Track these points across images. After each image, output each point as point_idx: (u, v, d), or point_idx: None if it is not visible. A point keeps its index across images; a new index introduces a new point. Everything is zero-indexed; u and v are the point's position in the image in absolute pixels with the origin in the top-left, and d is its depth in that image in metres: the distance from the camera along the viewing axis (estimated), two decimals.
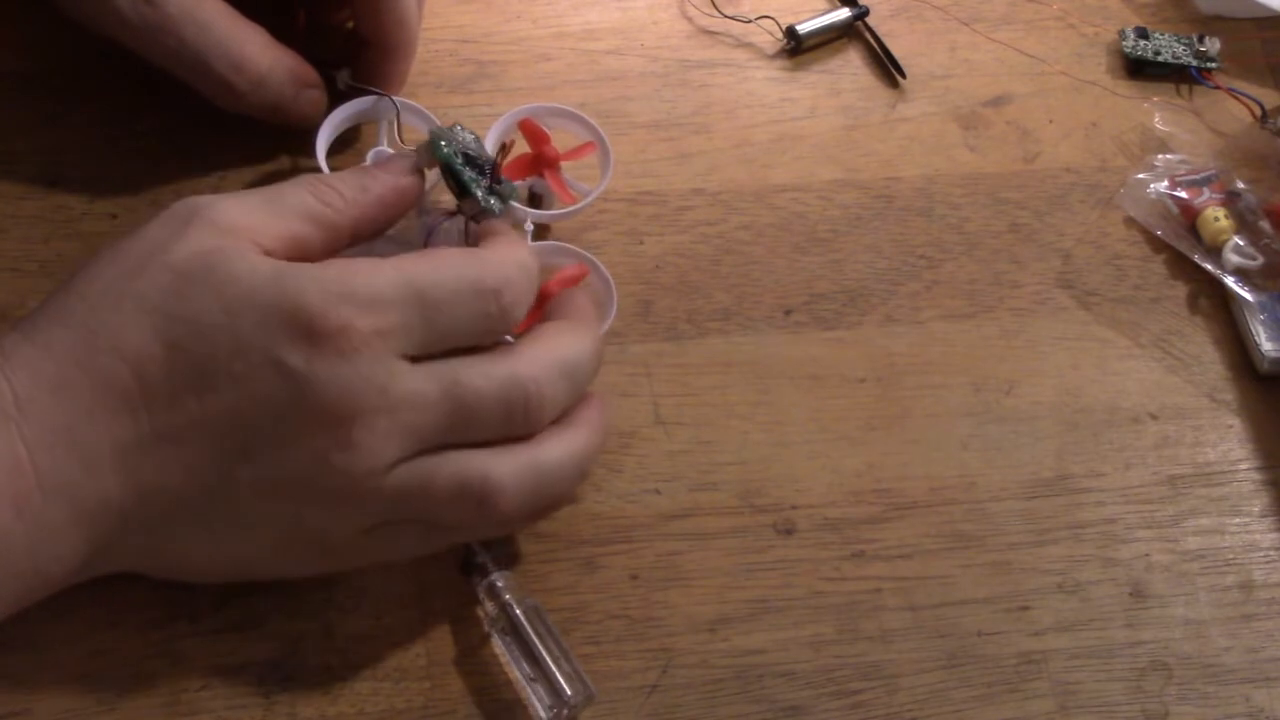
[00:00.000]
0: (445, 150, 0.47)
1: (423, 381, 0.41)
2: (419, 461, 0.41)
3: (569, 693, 0.44)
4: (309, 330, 0.39)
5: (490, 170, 0.48)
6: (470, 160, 0.48)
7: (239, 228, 0.41)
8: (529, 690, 0.44)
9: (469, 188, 0.47)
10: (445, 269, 0.42)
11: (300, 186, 0.43)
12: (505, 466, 0.42)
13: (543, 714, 0.44)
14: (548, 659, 0.44)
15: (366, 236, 0.45)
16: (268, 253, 0.41)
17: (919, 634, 0.48)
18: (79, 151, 0.52)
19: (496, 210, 0.48)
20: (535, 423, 0.43)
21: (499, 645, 0.45)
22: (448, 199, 0.49)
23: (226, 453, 0.39)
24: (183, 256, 0.40)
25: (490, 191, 0.48)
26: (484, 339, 0.43)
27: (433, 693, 0.45)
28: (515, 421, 0.42)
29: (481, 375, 0.41)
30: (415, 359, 0.41)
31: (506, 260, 0.43)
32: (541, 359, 0.43)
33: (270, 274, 0.40)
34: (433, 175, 0.49)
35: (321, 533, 0.41)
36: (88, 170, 0.52)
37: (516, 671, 0.45)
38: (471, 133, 0.49)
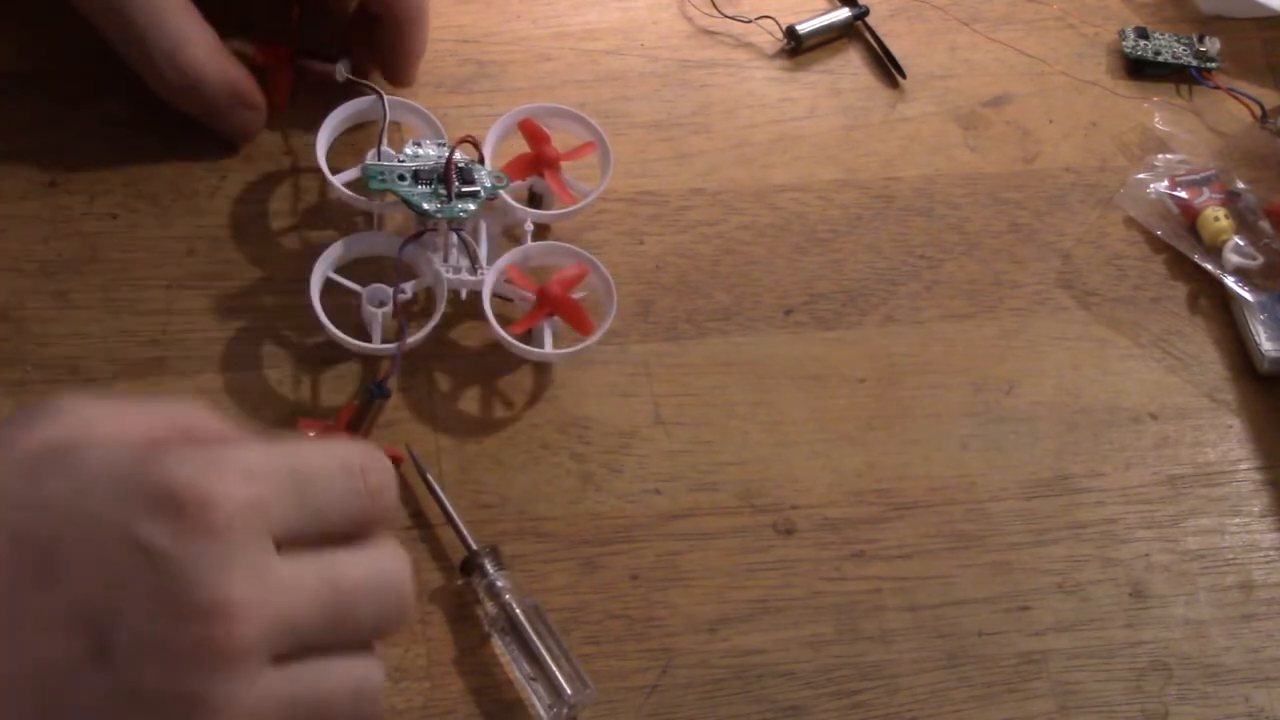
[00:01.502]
0: (381, 182, 0.49)
1: (299, 566, 0.35)
2: (305, 665, 0.35)
3: (569, 692, 0.44)
4: (173, 502, 0.33)
5: (453, 175, 0.49)
6: (423, 175, 0.49)
7: (96, 419, 0.36)
8: (529, 690, 0.44)
9: (418, 206, 0.49)
10: (314, 447, 0.38)
11: (190, 402, 0.39)
12: (377, 672, 0.37)
13: (543, 714, 0.44)
14: (548, 659, 0.44)
15: None
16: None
17: (919, 634, 0.48)
18: (79, 151, 0.52)
19: (463, 214, 0.49)
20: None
21: (499, 645, 0.45)
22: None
23: (80, 651, 0.33)
24: (33, 445, 0.35)
25: (458, 195, 0.49)
26: (358, 520, 0.37)
27: (433, 693, 0.45)
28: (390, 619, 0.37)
29: (358, 563, 0.36)
30: (282, 548, 0.35)
31: (370, 451, 0.38)
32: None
33: (129, 452, 0.35)
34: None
35: None
36: (88, 170, 0.52)
37: (516, 671, 0.45)
38: (436, 142, 0.50)
